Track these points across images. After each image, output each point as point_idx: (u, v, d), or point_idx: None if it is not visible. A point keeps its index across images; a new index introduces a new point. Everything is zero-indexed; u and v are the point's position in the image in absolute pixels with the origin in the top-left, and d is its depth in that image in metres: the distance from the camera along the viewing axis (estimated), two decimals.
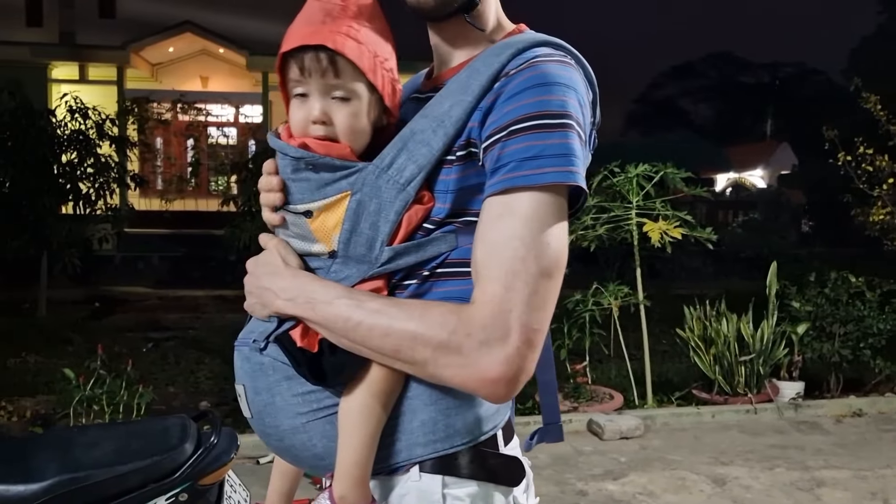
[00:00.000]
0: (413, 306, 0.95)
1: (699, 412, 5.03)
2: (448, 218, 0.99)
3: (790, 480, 3.96)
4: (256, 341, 1.04)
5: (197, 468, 1.87)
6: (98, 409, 4.05)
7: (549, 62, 0.97)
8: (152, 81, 16.62)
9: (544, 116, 0.92)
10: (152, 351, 6.97)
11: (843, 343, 5.39)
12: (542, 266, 0.92)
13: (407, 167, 0.98)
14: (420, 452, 1.01)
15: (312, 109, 0.99)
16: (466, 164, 0.98)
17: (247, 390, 1.06)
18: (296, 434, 1.03)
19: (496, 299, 0.91)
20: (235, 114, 17.23)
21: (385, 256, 0.99)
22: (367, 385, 0.97)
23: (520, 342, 0.90)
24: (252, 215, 9.20)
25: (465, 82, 0.99)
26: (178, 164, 16.02)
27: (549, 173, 0.92)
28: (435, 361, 0.92)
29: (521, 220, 0.92)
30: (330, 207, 0.99)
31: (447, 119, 0.98)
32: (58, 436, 2.03)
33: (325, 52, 0.97)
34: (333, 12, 0.99)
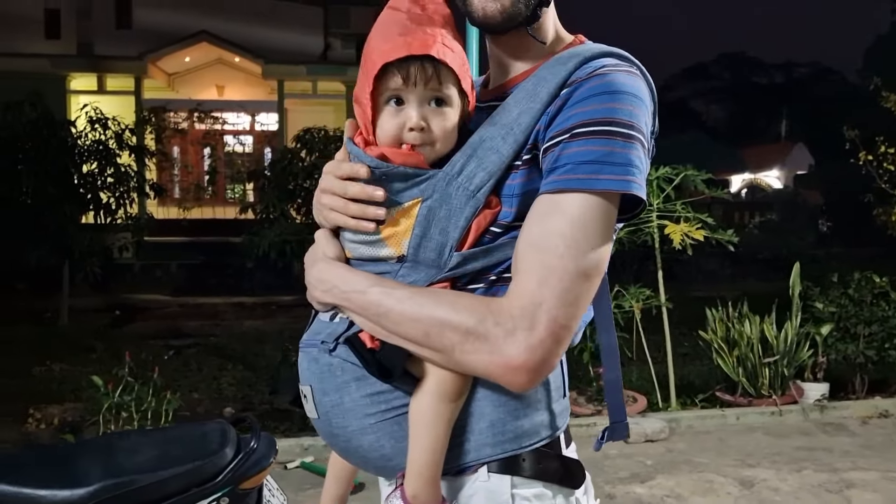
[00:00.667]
0: (444, 295, 0.98)
1: (724, 414, 5.01)
2: (514, 222, 1.01)
3: (818, 482, 3.93)
4: (325, 342, 1.06)
5: (237, 472, 1.89)
6: (127, 415, 4.09)
7: (617, 72, 0.99)
8: (169, 91, 16.80)
9: (610, 123, 0.94)
10: (174, 358, 7.03)
11: (867, 344, 5.35)
12: (579, 265, 0.94)
13: (477, 174, 1.00)
14: (488, 453, 1.03)
15: (411, 116, 1.01)
16: (531, 168, 1.00)
17: (314, 391, 1.07)
18: (364, 435, 1.04)
19: (528, 292, 0.93)
20: (251, 122, 17.38)
21: (454, 261, 1.00)
22: (436, 385, 0.99)
23: (545, 334, 0.92)
24: (270, 222, 9.29)
25: (532, 90, 1.01)
26: (196, 173, 16.16)
27: (606, 180, 0.94)
28: (462, 347, 0.94)
29: (567, 219, 0.94)
30: (401, 214, 1.02)
31: (516, 126, 1.00)
32: (101, 442, 2.06)
33: (430, 62, 0.99)
34: (422, 21, 1.01)
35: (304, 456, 4.13)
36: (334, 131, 9.60)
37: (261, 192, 9.92)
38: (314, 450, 4.23)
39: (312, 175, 9.23)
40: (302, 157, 9.33)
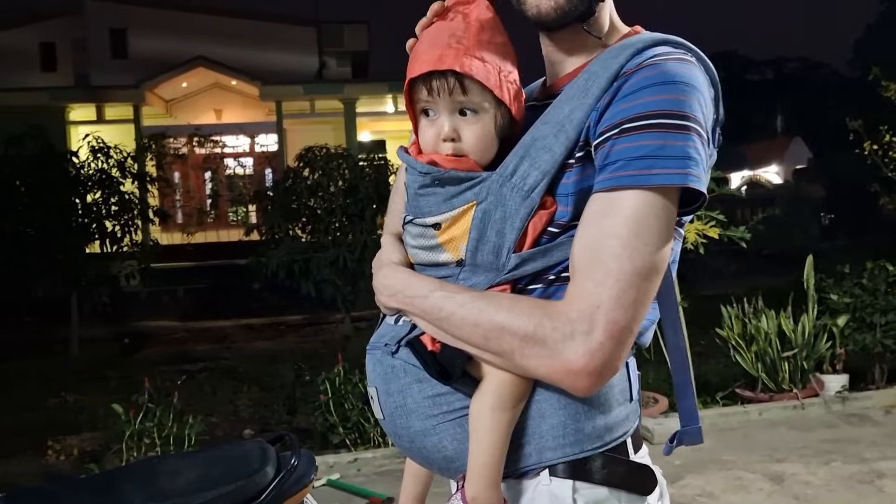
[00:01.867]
0: (503, 299, 0.97)
1: (746, 411, 4.98)
2: (572, 221, 0.99)
3: (849, 474, 3.90)
4: (388, 345, 1.06)
5: (280, 491, 1.87)
6: (149, 442, 4.07)
7: (668, 60, 0.96)
8: (167, 117, 16.90)
9: (662, 115, 0.92)
10: (187, 383, 7.01)
11: (884, 333, 5.33)
12: (636, 266, 0.91)
13: (530, 174, 0.98)
14: (550, 456, 1.01)
15: (442, 127, 1.02)
16: (585, 165, 0.98)
17: (379, 392, 1.08)
18: (427, 436, 1.04)
19: (585, 294, 0.91)
20: (251, 144, 17.45)
21: (512, 263, 1.00)
22: (496, 388, 0.98)
23: (604, 337, 0.90)
24: (276, 243, 9.31)
25: (584, 86, 1.00)
26: (198, 197, 16.22)
27: (661, 174, 0.91)
28: (521, 352, 0.93)
29: (622, 219, 0.92)
30: (457, 218, 1.02)
31: (568, 124, 0.98)
32: (142, 467, 2.05)
33: (452, 75, 0.99)
34: (458, 32, 1.01)
35: (330, 474, 4.10)
36: (336, 148, 9.64)
37: (265, 213, 9.96)
38: (339, 467, 4.21)
39: (316, 193, 9.26)
40: (305, 175, 9.36)
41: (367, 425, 4.44)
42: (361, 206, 9.12)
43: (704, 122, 0.96)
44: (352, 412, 4.45)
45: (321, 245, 9.14)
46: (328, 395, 4.48)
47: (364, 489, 3.88)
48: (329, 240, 9.14)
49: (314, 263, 8.94)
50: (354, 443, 4.47)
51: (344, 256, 8.84)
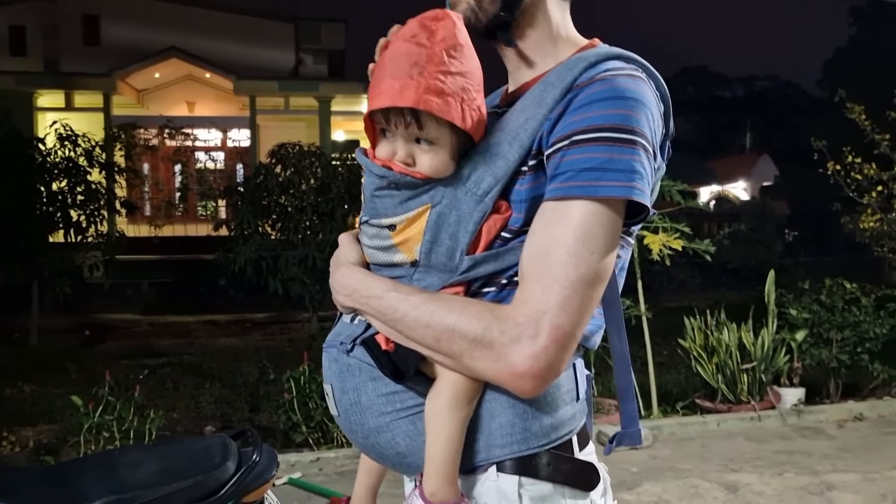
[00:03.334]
0: (455, 302, 1.00)
1: (705, 421, 5.08)
2: (524, 227, 1.02)
3: (801, 485, 4.00)
4: (344, 343, 1.09)
5: (240, 486, 1.87)
6: (108, 435, 4.02)
7: (619, 76, 0.99)
8: (138, 107, 16.64)
9: (610, 129, 0.95)
10: (149, 377, 6.91)
11: (840, 348, 5.47)
12: (581, 273, 0.94)
13: (484, 179, 1.01)
14: (498, 453, 1.04)
15: (398, 150, 1.03)
16: (537, 173, 1.01)
17: (334, 389, 1.11)
18: (380, 433, 1.07)
19: (532, 300, 0.95)
20: (223, 138, 17.26)
21: (465, 265, 1.02)
22: (450, 387, 1.01)
23: (548, 341, 0.94)
24: (245, 239, 9.21)
25: (539, 96, 1.03)
26: (167, 190, 15.99)
27: (607, 187, 0.94)
28: (470, 354, 0.97)
29: (569, 228, 0.95)
30: (412, 220, 1.04)
31: (522, 132, 1.01)
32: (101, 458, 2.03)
33: (410, 113, 0.99)
34: (420, 60, 0.98)
35: (292, 472, 4.09)
36: (309, 146, 9.58)
37: (234, 209, 9.84)
38: (301, 466, 4.20)
39: (287, 190, 9.19)
40: (276, 172, 9.28)
41: (331, 425, 4.44)
42: (333, 206, 9.07)
43: (651, 137, 0.99)
44: (315, 411, 4.44)
45: (290, 243, 9.07)
46: (292, 394, 4.46)
47: (325, 489, 3.88)
48: (299, 238, 9.07)
49: (283, 261, 8.87)
50: (317, 442, 4.46)
51: (313, 255, 8.78)
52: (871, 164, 6.66)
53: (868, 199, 6.61)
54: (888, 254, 6.95)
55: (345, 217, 9.34)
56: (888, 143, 6.74)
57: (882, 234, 6.68)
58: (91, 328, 10.41)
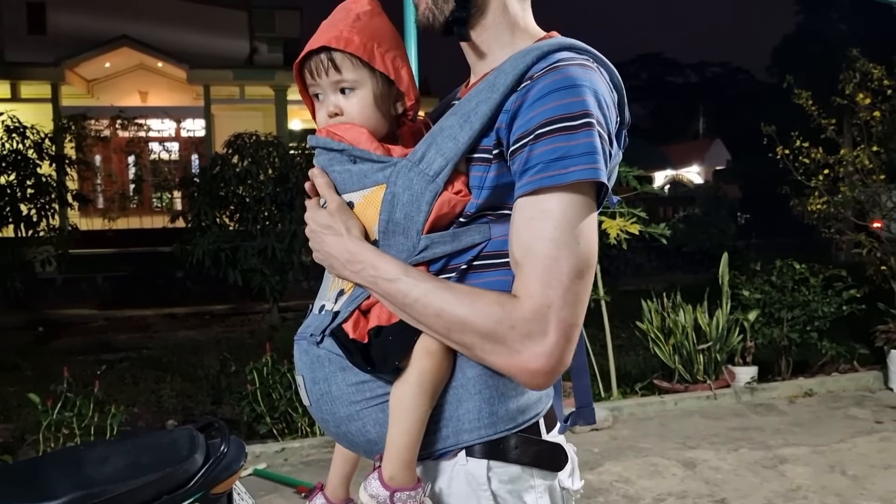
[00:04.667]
0: (464, 292, 1.02)
1: (663, 401, 5.21)
2: (480, 212, 1.06)
3: (755, 459, 4.15)
4: (313, 335, 1.11)
5: (208, 478, 1.88)
6: (68, 432, 3.96)
7: (570, 65, 1.02)
8: (89, 98, 16.22)
9: (567, 119, 0.99)
10: (107, 373, 6.80)
11: (790, 327, 5.66)
12: (574, 265, 0.99)
13: (436, 160, 1.05)
14: (466, 438, 1.08)
15: (327, 105, 1.13)
16: (500, 162, 1.05)
17: (305, 380, 1.13)
18: (351, 421, 1.10)
19: (536, 296, 0.98)
20: (177, 128, 16.92)
21: (422, 244, 1.06)
22: (416, 374, 1.04)
23: (558, 336, 0.98)
24: (203, 230, 9.09)
25: (492, 81, 1.06)
26: (120, 182, 15.64)
27: (574, 171, 0.98)
28: (481, 347, 1.00)
29: (553, 222, 0.99)
30: (368, 199, 1.09)
31: (473, 115, 1.05)
32: (67, 454, 2.01)
33: (324, 53, 1.10)
34: (336, 23, 1.12)
35: (257, 464, 4.09)
36: (266, 136, 9.48)
37: (191, 200, 9.69)
38: (266, 457, 4.19)
39: (245, 181, 9.09)
40: (234, 163, 9.17)
41: (295, 415, 4.44)
42: (291, 196, 9.00)
43: (605, 123, 1.03)
44: (279, 402, 4.43)
45: (249, 234, 8.99)
46: (255, 385, 4.45)
47: (292, 478, 3.89)
48: (257, 229, 9.00)
49: (241, 252, 8.79)
50: (282, 433, 4.46)
51: (273, 246, 8.73)
52: (818, 149, 6.85)
53: (815, 183, 6.80)
54: (834, 235, 7.17)
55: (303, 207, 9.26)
56: (834, 128, 6.95)
57: (829, 216, 6.88)
58: (44, 324, 10.15)
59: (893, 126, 6.21)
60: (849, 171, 6.81)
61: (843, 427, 4.72)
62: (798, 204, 7.16)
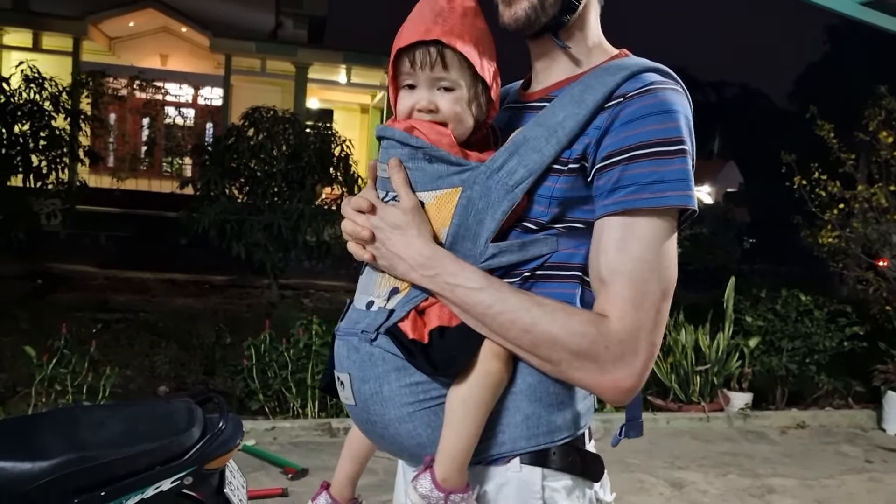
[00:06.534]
0: (555, 309, 1.02)
1: (655, 418, 5.20)
2: (551, 223, 1.05)
3: (742, 487, 4.13)
4: (366, 332, 1.07)
5: (204, 453, 1.87)
6: (60, 389, 3.95)
7: (665, 90, 1.03)
8: (109, 55, 16.16)
9: (665, 143, 1.00)
10: (102, 332, 6.79)
11: (790, 358, 5.64)
12: (662, 288, 1.01)
13: (517, 171, 1.04)
14: (523, 445, 1.07)
15: (420, 99, 1.08)
16: (577, 176, 1.04)
17: (353, 379, 1.09)
18: (402, 423, 1.07)
19: (629, 318, 0.99)
20: (194, 95, 16.85)
21: (489, 252, 1.04)
22: (478, 378, 1.02)
23: (646, 357, 1.01)
24: (211, 200, 9.07)
25: (578, 96, 1.05)
26: (133, 143, 15.59)
27: (670, 197, 1.00)
28: (570, 364, 1.01)
29: (645, 244, 1.00)
30: (441, 201, 1.06)
31: (560, 129, 1.04)
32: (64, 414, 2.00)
33: (435, 47, 1.05)
34: (443, 13, 1.07)
35: (246, 440, 4.07)
36: (283, 112, 9.44)
37: (202, 168, 9.65)
38: (255, 434, 4.19)
39: (258, 155, 9.05)
40: (248, 135, 9.13)
41: (289, 395, 4.43)
42: (303, 174, 8.97)
43: (694, 151, 1.05)
44: (274, 380, 4.42)
45: (257, 208, 8.96)
46: (252, 361, 4.44)
47: (279, 458, 3.88)
48: (266, 204, 8.96)
49: (247, 226, 8.76)
50: (273, 411, 4.46)
51: (279, 223, 8.70)
52: (835, 182, 6.82)
53: (829, 216, 6.78)
54: (842, 269, 7.15)
55: (314, 187, 9.26)
56: (853, 163, 6.91)
57: (838, 251, 6.86)
58: (44, 277, 10.15)
59: None
60: (863, 207, 6.78)
61: (833, 463, 4.70)
62: (809, 235, 7.13)
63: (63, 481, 1.67)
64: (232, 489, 2.00)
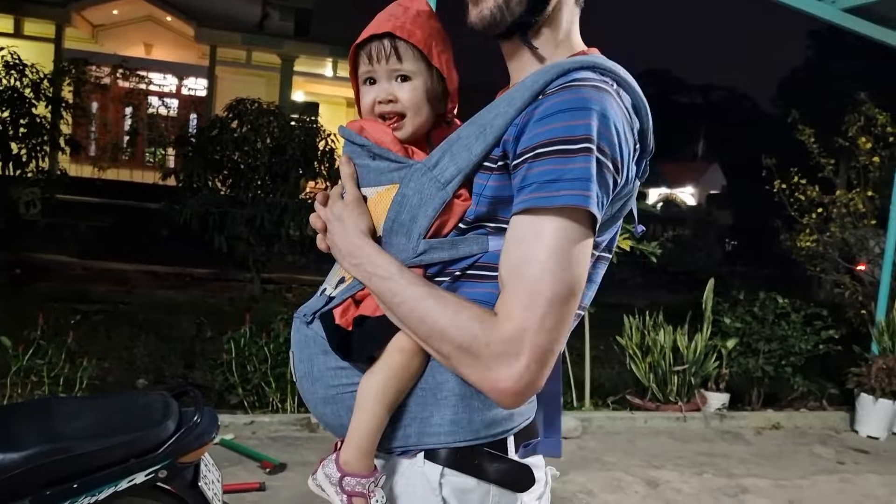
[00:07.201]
0: (449, 303, 1.02)
1: (633, 417, 5.24)
2: (480, 221, 1.06)
3: (717, 486, 4.18)
4: (306, 315, 1.15)
5: (179, 446, 1.87)
6: (37, 380, 3.91)
7: (583, 86, 0.99)
8: (92, 43, 15.98)
9: (568, 141, 0.96)
10: (80, 323, 6.72)
11: (766, 359, 5.70)
12: (556, 291, 0.97)
13: (448, 168, 1.06)
14: (428, 441, 1.09)
15: (380, 91, 1.14)
16: (503, 174, 1.04)
17: (294, 357, 1.17)
18: (327, 404, 1.13)
19: (514, 317, 0.97)
20: (178, 85, 16.71)
21: (421, 248, 1.07)
22: (386, 368, 1.06)
23: (530, 360, 0.97)
24: (193, 191, 9.00)
25: (511, 96, 1.05)
26: (115, 132, 15.42)
27: (563, 196, 0.95)
28: (456, 358, 1.01)
29: (542, 245, 0.97)
30: (380, 196, 1.11)
31: (489, 128, 1.04)
32: (37, 405, 1.99)
33: (388, 39, 1.13)
34: (396, 13, 1.16)
35: (224, 434, 4.06)
36: (268, 104, 9.38)
37: (185, 159, 9.59)
38: (234, 428, 4.17)
39: (242, 147, 9.00)
40: (232, 127, 9.07)
41: (268, 389, 4.42)
42: (287, 168, 8.93)
43: (612, 150, 0.99)
44: (254, 375, 4.41)
45: (239, 201, 8.91)
46: (231, 355, 4.42)
47: (258, 452, 3.87)
48: (249, 197, 8.91)
49: (230, 218, 8.71)
50: (252, 405, 4.44)
51: (262, 216, 8.66)
52: (814, 187, 6.91)
53: (808, 220, 6.86)
54: (819, 273, 7.24)
55: (297, 181, 9.22)
56: (832, 168, 7.00)
57: (816, 255, 6.96)
58: (22, 266, 10.03)
59: (891, 173, 6.25)
60: (841, 212, 6.87)
61: (806, 464, 4.77)
62: (788, 239, 7.21)
63: (35, 472, 1.66)
64: (207, 483, 1.99)
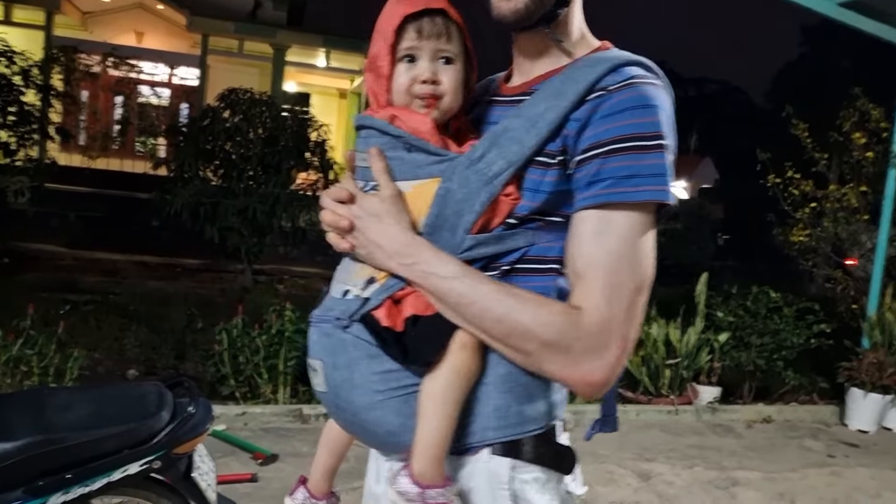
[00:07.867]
0: (527, 300, 1.01)
1: (625, 410, 5.25)
2: (531, 215, 1.05)
3: (708, 479, 4.20)
4: (340, 319, 1.07)
5: (173, 437, 1.85)
6: (27, 370, 3.88)
7: (645, 84, 1.03)
8: (83, 31, 15.84)
9: (643, 138, 0.99)
10: (70, 314, 6.68)
11: (758, 353, 5.72)
12: (636, 282, 1.00)
13: (496, 162, 1.03)
14: (492, 436, 1.07)
15: (423, 71, 1.08)
16: (560, 169, 1.04)
17: (325, 366, 1.08)
18: (371, 410, 1.06)
19: (601, 310, 0.99)
20: (170, 74, 16.58)
21: (467, 244, 1.03)
22: (450, 368, 1.02)
23: (618, 351, 1.00)
24: (184, 181, 8.94)
25: (559, 88, 1.05)
26: (105, 121, 15.31)
27: (646, 191, 0.99)
28: (540, 355, 1.00)
29: (620, 238, 1.00)
30: (419, 190, 1.05)
31: (541, 121, 1.03)
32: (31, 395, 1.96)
33: (441, 16, 1.07)
34: None
35: (216, 424, 4.04)
36: (260, 94, 9.33)
37: (176, 149, 9.52)
38: (226, 419, 4.15)
39: (234, 137, 8.94)
40: (224, 117, 9.01)
41: (260, 381, 4.40)
42: (279, 158, 8.88)
43: (673, 145, 1.05)
44: (246, 366, 4.39)
45: (231, 191, 8.85)
46: (224, 346, 4.40)
47: (249, 444, 3.86)
48: (241, 187, 8.86)
49: (222, 209, 8.66)
50: (244, 396, 4.42)
51: (254, 207, 8.61)
52: (808, 181, 6.92)
53: (801, 214, 6.88)
54: (812, 268, 7.27)
55: (289, 171, 9.17)
56: (825, 163, 7.02)
57: (809, 249, 6.98)
58: (10, 256, 9.95)
59: (884, 168, 6.27)
60: (834, 207, 6.89)
61: (796, 457, 4.79)
62: (781, 233, 7.23)
63: (27, 463, 1.64)
64: (201, 474, 1.98)
